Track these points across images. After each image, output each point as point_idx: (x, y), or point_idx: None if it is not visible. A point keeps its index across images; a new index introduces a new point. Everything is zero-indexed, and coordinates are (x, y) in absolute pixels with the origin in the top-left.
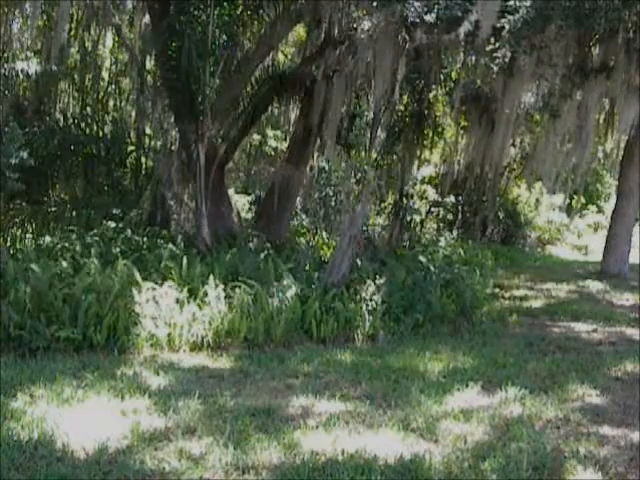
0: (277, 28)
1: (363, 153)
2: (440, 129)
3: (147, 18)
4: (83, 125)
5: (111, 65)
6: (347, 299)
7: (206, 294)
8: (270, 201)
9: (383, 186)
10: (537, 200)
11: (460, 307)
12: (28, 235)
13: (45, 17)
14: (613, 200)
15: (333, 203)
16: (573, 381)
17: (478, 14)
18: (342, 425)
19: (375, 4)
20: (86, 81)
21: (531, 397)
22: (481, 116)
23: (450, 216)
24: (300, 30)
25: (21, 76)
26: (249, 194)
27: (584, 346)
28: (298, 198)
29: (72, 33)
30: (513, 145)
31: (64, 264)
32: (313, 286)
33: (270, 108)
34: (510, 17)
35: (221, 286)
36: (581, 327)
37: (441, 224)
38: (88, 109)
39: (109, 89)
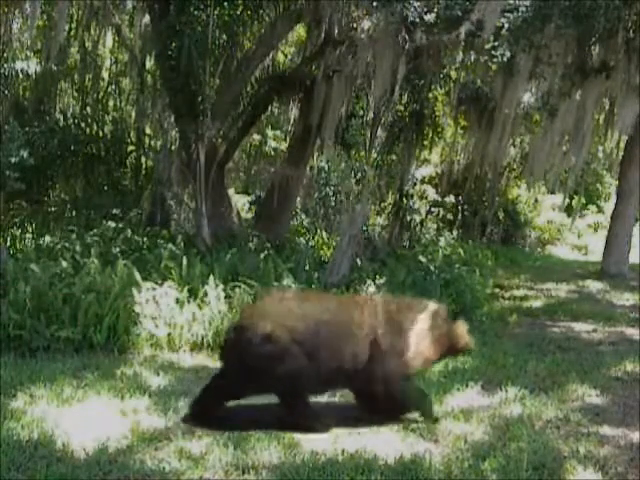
0: (277, 28)
1: (363, 153)
2: (439, 129)
3: (147, 18)
4: (83, 125)
5: (111, 65)
6: None
7: (206, 294)
8: (270, 201)
9: (383, 186)
10: (537, 200)
11: (460, 307)
12: (28, 235)
13: (45, 17)
14: (613, 200)
15: (333, 203)
16: (573, 381)
17: (480, 13)
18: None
19: (375, 4)
20: (86, 81)
21: (531, 397)
22: (480, 116)
23: (450, 216)
24: (300, 30)
25: (21, 76)
26: (249, 194)
27: (584, 346)
28: (298, 198)
29: (72, 33)
30: (513, 145)
31: (64, 264)
32: (313, 286)
33: (270, 108)
34: (509, 16)
35: (221, 286)
36: (581, 327)
37: (441, 224)
38: (88, 109)
39: (109, 89)
